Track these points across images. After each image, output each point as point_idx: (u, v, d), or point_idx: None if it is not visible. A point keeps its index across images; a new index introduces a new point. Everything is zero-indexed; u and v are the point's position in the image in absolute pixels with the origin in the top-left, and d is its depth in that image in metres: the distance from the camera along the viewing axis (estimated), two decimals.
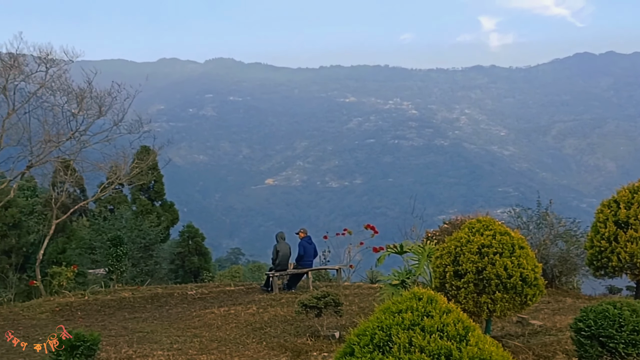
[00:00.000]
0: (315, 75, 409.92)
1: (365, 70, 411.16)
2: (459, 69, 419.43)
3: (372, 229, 21.93)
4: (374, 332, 5.86)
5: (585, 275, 17.84)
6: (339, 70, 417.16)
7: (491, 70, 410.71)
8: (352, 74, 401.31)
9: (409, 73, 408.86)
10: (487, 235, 9.96)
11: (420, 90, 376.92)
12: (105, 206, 31.29)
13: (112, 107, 21.05)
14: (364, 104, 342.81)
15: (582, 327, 8.42)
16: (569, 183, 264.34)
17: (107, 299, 18.38)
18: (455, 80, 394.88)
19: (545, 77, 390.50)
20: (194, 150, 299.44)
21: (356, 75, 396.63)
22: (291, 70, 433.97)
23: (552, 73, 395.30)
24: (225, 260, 69.03)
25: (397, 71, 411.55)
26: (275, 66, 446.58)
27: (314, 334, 12.64)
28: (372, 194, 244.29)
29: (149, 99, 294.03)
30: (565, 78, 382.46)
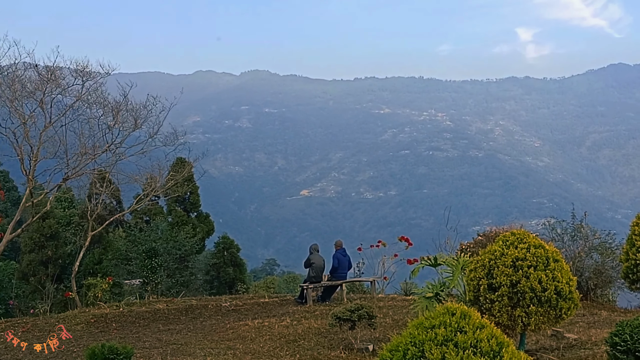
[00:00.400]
0: (349, 87, 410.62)
1: (400, 81, 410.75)
2: (493, 80, 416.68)
3: (407, 240, 21.87)
4: (407, 347, 5.84)
5: (621, 288, 17.53)
6: (373, 82, 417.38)
7: (525, 82, 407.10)
8: (386, 86, 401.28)
9: (443, 84, 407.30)
10: (521, 248, 9.88)
11: (454, 101, 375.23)
12: (141, 217, 31.61)
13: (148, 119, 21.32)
14: (398, 115, 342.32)
15: (618, 341, 8.29)
16: (604, 194, 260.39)
17: (141, 310, 18.56)
18: (489, 91, 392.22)
19: (579, 88, 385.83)
20: (230, 161, 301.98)
21: (390, 87, 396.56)
22: (326, 82, 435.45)
23: (587, 84, 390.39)
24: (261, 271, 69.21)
25: (431, 82, 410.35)
26: (310, 78, 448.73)
27: (348, 347, 12.62)
28: (406, 205, 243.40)
29: (185, 110, 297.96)
30: (600, 89, 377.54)
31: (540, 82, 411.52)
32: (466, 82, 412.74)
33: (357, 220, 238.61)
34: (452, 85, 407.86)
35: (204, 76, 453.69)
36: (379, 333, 13.63)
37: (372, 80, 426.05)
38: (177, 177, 23.46)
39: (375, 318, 13.03)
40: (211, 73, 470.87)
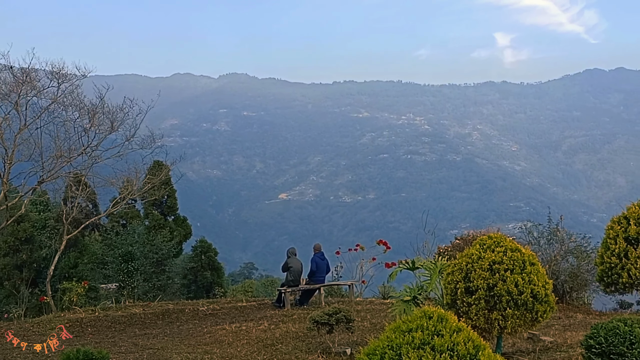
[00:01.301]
0: (328, 91, 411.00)
1: (379, 85, 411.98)
2: (471, 85, 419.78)
3: (385, 244, 21.87)
4: (384, 351, 5.85)
5: (596, 291, 17.72)
6: (352, 86, 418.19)
7: (502, 86, 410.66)
8: (365, 89, 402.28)
9: (422, 88, 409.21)
10: (498, 252, 9.94)
11: (432, 105, 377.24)
12: (117, 221, 31.35)
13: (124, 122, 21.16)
14: (377, 119, 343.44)
15: (593, 344, 8.35)
16: (580, 198, 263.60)
17: (117, 315, 18.38)
18: (467, 95, 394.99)
19: (555, 93, 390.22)
20: (208, 165, 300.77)
21: (369, 91, 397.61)
22: (305, 86, 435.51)
23: (563, 89, 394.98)
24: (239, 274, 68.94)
25: (409, 86, 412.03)
26: (289, 81, 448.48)
27: (326, 351, 12.59)
28: (385, 208, 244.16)
29: (163, 113, 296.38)
30: (576, 94, 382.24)
31: (518, 87, 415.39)
32: (444, 87, 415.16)
33: (335, 223, 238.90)
34: (430, 89, 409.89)
35: (182, 79, 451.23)
36: (357, 337, 13.62)
37: (351, 84, 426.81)
38: (154, 180, 23.29)
39: (353, 322, 13.02)
40: (189, 76, 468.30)
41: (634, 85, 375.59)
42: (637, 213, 12.47)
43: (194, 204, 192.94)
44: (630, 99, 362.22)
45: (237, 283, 42.72)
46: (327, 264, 20.18)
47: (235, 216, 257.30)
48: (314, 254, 20.01)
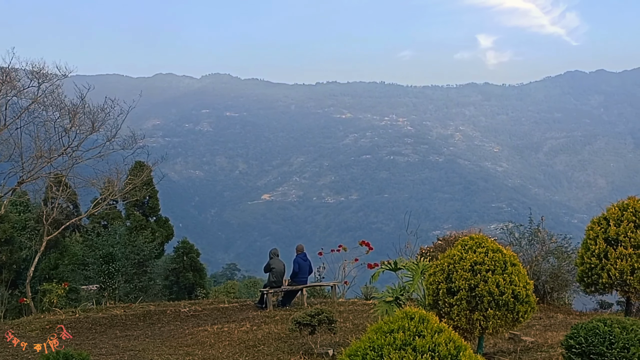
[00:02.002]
0: (311, 92, 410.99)
1: (361, 86, 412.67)
2: (454, 86, 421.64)
3: (367, 245, 21.90)
4: (366, 352, 5.84)
5: (577, 291, 17.86)
6: (335, 87, 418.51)
7: (485, 88, 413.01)
8: (348, 90, 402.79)
9: (405, 90, 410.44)
10: (479, 253, 9.97)
11: (415, 106, 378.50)
12: (98, 222, 31.18)
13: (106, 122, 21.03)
14: (360, 120, 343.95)
15: (573, 344, 8.41)
16: (561, 199, 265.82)
17: (98, 316, 18.26)
18: (449, 97, 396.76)
19: (537, 94, 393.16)
20: (190, 165, 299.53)
21: (352, 92, 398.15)
22: (287, 86, 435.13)
23: (544, 90, 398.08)
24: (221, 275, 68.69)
25: (392, 87, 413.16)
26: (271, 82, 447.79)
27: (308, 352, 12.58)
28: (367, 209, 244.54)
29: (145, 114, 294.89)
30: (557, 96, 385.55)
31: (499, 89, 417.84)
32: (427, 88, 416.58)
33: (318, 224, 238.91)
34: (413, 90, 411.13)
35: (164, 79, 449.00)
36: (339, 337, 13.62)
37: (334, 85, 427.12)
38: (135, 181, 23.17)
39: (335, 322, 13.03)
40: (171, 76, 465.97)
41: (614, 87, 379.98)
42: (616, 214, 12.55)
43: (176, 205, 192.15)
44: (610, 100, 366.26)
45: (220, 284, 42.58)
46: (310, 264, 20.17)
47: (217, 217, 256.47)
48: (297, 254, 20.00)
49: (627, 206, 12.60)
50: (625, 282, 12.14)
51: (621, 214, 12.50)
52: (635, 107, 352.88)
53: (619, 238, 12.26)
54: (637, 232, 12.15)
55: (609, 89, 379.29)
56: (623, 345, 8.11)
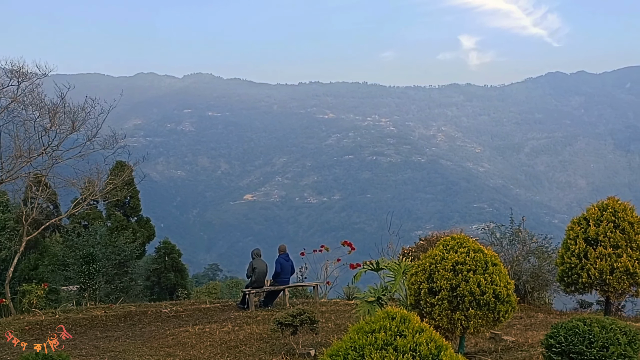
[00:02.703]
0: (294, 92, 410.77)
1: (344, 87, 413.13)
2: (436, 87, 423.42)
3: (350, 245, 21.93)
4: (347, 352, 5.84)
5: (557, 291, 17.99)
6: (317, 87, 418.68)
7: (467, 88, 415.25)
8: (330, 91, 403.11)
9: (387, 90, 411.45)
10: (461, 253, 10.02)
11: (398, 107, 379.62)
12: (79, 222, 30.95)
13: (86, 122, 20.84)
14: (342, 120, 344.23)
15: (553, 343, 8.46)
16: (542, 199, 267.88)
17: (78, 317, 18.10)
18: (432, 97, 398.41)
19: (518, 95, 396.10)
20: (172, 165, 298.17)
21: (335, 92, 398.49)
22: (270, 86, 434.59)
23: (526, 91, 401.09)
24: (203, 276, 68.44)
25: (375, 88, 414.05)
26: (254, 82, 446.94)
27: (290, 352, 12.55)
28: (350, 209, 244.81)
29: (126, 113, 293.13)
30: (538, 97, 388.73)
31: (481, 89, 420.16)
32: (409, 88, 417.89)
33: (300, 225, 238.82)
34: (395, 91, 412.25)
35: (146, 78, 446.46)
36: (321, 338, 13.61)
37: (317, 85, 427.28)
38: (116, 181, 23.00)
39: (317, 323, 13.01)
40: (153, 75, 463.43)
41: (594, 88, 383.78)
42: (596, 214, 12.68)
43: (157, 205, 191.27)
44: (590, 101, 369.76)
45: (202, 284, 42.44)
46: (292, 265, 20.15)
47: (199, 217, 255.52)
48: (279, 255, 19.97)
49: (607, 206, 12.74)
50: (604, 281, 12.27)
51: (601, 214, 12.63)
52: (615, 108, 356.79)
53: (598, 238, 12.39)
54: (616, 232, 12.28)
55: (590, 90, 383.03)
56: (602, 344, 8.18)
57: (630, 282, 12.27)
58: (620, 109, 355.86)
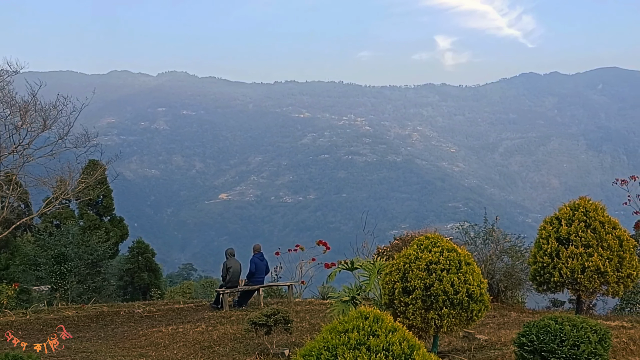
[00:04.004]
0: (269, 90, 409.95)
1: (320, 86, 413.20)
2: (412, 87, 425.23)
3: (324, 245, 21.93)
4: (320, 352, 5.82)
5: (530, 290, 18.13)
6: (293, 86, 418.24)
7: (442, 88, 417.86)
8: (306, 90, 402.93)
9: (363, 90, 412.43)
10: (435, 252, 10.05)
11: (373, 106, 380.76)
12: (51, 221, 30.62)
13: (58, 120, 20.54)
14: (318, 119, 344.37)
15: (525, 342, 8.53)
16: (516, 199, 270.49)
17: (49, 317, 17.88)
18: (407, 97, 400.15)
19: (493, 95, 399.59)
20: (146, 164, 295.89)
21: (310, 91, 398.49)
22: (246, 85, 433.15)
23: (500, 92, 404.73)
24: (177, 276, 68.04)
25: (351, 87, 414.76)
26: (229, 80, 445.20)
27: (264, 352, 12.51)
28: (326, 209, 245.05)
29: (99, 112, 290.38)
30: (512, 97, 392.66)
31: (456, 90, 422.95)
32: (385, 88, 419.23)
33: (276, 224, 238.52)
34: (371, 90, 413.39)
35: (119, 76, 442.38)
36: (295, 337, 13.58)
37: (292, 84, 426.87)
38: (88, 180, 22.71)
39: (291, 322, 12.98)
40: (126, 73, 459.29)
41: (567, 89, 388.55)
42: (568, 214, 12.80)
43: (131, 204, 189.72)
44: (563, 102, 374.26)
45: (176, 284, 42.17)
46: (267, 264, 20.11)
47: (174, 216, 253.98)
48: (254, 254, 19.92)
49: (578, 206, 12.86)
50: (576, 280, 12.38)
51: (572, 213, 12.75)
52: (588, 109, 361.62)
53: (570, 237, 12.50)
54: (588, 232, 12.41)
55: (563, 91, 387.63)
56: (573, 342, 8.26)
57: (601, 281, 12.40)
58: (593, 109, 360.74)
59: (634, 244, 12.98)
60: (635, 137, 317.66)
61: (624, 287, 12.77)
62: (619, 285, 12.56)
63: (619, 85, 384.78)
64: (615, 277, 12.42)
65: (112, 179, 29.56)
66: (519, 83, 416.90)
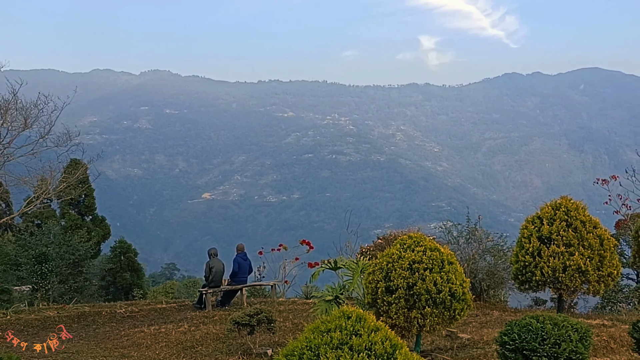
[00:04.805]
0: (253, 90, 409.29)
1: (304, 85, 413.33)
2: (395, 86, 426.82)
3: (308, 244, 21.92)
4: (302, 352, 5.80)
5: (512, 289, 18.24)
6: (277, 85, 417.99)
7: (425, 88, 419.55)
8: (290, 89, 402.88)
9: (347, 89, 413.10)
10: (417, 252, 10.07)
11: (357, 106, 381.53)
12: (32, 221, 30.36)
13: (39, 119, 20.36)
14: (302, 118, 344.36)
15: (507, 340, 8.56)
16: (498, 198, 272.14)
17: (30, 318, 17.69)
18: (391, 97, 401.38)
19: (476, 95, 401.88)
20: (128, 163, 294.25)
21: (294, 90, 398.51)
22: (229, 84, 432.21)
23: (483, 92, 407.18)
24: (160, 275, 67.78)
25: (335, 87, 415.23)
26: (213, 79, 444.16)
27: (246, 352, 12.46)
28: (309, 208, 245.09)
29: (81, 110, 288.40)
30: (495, 97, 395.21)
31: (440, 89, 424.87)
32: (369, 88, 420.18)
33: (259, 223, 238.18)
34: (355, 90, 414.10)
35: (102, 75, 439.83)
36: (279, 337, 13.55)
37: (276, 83, 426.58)
38: (70, 179, 22.53)
39: (274, 322, 12.94)
40: (109, 72, 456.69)
41: (549, 89, 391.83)
42: (549, 213, 12.89)
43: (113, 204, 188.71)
44: (545, 102, 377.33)
45: (158, 284, 42.00)
46: (250, 264, 20.05)
47: (156, 216, 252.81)
48: (237, 254, 19.85)
49: (560, 205, 12.96)
50: (557, 279, 12.47)
51: (554, 213, 12.84)
52: (570, 109, 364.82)
53: (551, 236, 12.60)
54: (569, 231, 12.50)
55: (545, 91, 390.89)
56: (554, 341, 8.31)
57: (582, 280, 12.50)
58: (575, 109, 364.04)
59: (614, 243, 13.11)
60: (617, 137, 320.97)
61: (605, 285, 12.89)
62: (599, 284, 12.67)
63: (601, 85, 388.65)
64: (596, 276, 12.54)
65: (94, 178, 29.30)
66: (501, 83, 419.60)
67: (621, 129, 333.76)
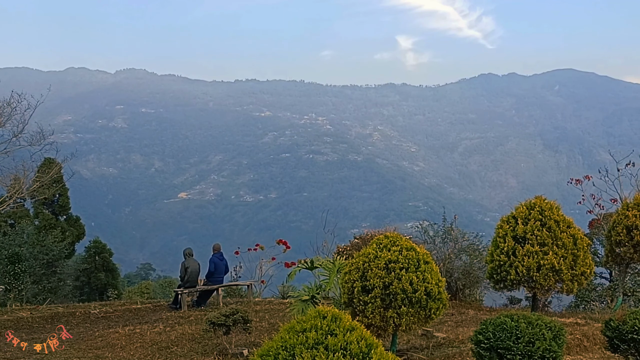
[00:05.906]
0: (230, 89, 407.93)
1: (281, 84, 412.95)
2: (372, 86, 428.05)
3: (285, 244, 21.90)
4: (278, 352, 5.78)
5: (487, 288, 18.38)
6: (254, 85, 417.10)
7: (402, 88, 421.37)
8: (267, 89, 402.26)
9: (324, 89, 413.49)
10: (394, 251, 10.09)
11: (334, 105, 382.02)
12: (5, 221, 29.93)
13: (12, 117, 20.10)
14: (279, 118, 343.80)
15: (482, 339, 8.62)
16: (474, 198, 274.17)
17: (2, 319, 17.46)
18: (368, 96, 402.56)
19: (452, 96, 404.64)
20: (103, 162, 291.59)
21: (272, 90, 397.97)
22: (206, 83, 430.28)
23: (459, 92, 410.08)
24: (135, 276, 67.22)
25: (312, 86, 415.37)
26: (189, 78, 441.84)
27: (222, 353, 12.41)
28: (286, 208, 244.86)
29: (55, 109, 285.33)
30: (471, 97, 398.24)
31: (417, 89, 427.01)
32: (346, 87, 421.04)
33: (236, 223, 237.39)
34: (332, 89, 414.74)
35: (76, 73, 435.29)
36: (255, 337, 13.51)
37: (253, 82, 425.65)
38: (44, 178, 22.26)
39: (250, 322, 12.90)
40: (84, 70, 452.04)
41: (525, 90, 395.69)
42: (524, 213, 13.01)
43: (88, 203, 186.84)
44: (521, 103, 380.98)
45: (134, 284, 41.66)
46: (226, 264, 19.98)
47: (132, 215, 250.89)
48: (213, 254, 19.77)
49: (534, 205, 13.07)
50: (531, 278, 12.58)
51: (528, 212, 12.96)
52: (544, 109, 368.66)
53: (526, 236, 12.71)
54: (543, 231, 12.62)
55: (520, 91, 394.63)
56: (529, 339, 8.38)
57: (556, 279, 12.63)
58: (549, 110, 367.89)
59: (587, 243, 13.27)
60: (590, 137, 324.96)
61: (578, 284, 13.03)
62: (573, 282, 12.81)
63: (575, 86, 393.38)
64: (570, 275, 12.67)
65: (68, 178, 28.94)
66: (478, 84, 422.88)
67: (595, 129, 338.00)
